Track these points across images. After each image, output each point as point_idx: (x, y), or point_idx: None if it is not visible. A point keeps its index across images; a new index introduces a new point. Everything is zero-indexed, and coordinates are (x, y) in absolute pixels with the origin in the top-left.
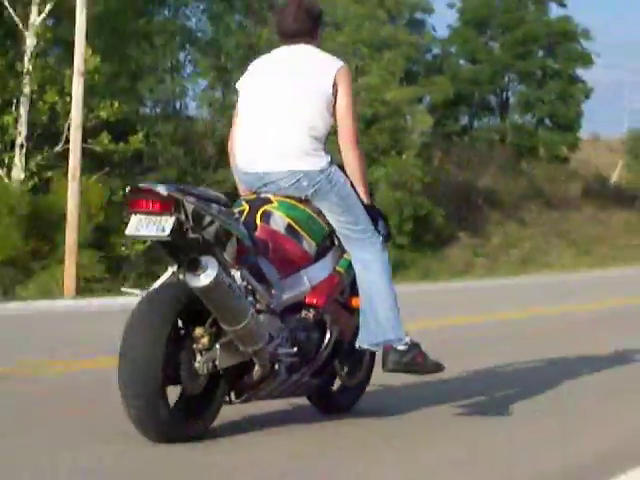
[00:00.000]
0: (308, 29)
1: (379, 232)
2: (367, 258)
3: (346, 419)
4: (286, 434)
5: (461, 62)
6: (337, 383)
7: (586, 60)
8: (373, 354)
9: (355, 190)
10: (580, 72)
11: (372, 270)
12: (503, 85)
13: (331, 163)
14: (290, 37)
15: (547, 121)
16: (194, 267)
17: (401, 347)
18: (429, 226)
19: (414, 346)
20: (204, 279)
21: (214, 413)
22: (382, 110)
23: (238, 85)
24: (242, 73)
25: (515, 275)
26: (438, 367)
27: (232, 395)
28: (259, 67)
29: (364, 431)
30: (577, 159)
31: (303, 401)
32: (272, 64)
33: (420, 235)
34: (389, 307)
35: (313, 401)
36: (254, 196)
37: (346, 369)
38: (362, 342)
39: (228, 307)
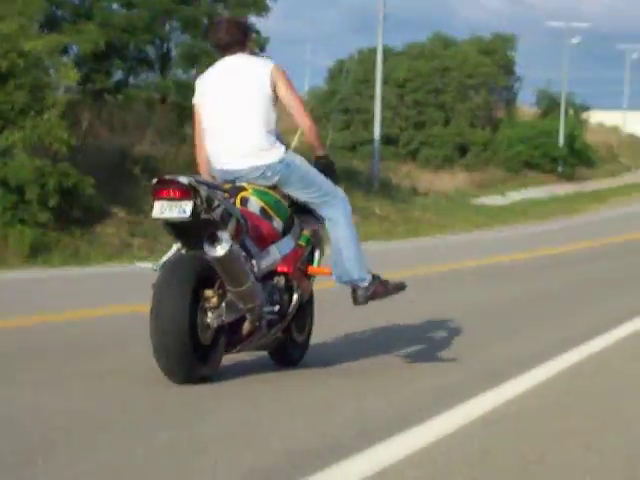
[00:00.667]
0: (239, 40)
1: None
2: (333, 215)
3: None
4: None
5: (114, 6)
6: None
7: (260, 7)
8: (312, 318)
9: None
10: (254, 21)
11: (338, 225)
12: (163, 34)
13: (286, 150)
14: (224, 49)
15: None
16: (213, 240)
17: (364, 284)
18: (77, 200)
19: (374, 279)
20: (221, 250)
21: (219, 361)
22: (19, 62)
23: (195, 101)
24: None
25: None
26: (400, 287)
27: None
28: (208, 83)
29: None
30: None
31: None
32: (218, 78)
33: (66, 211)
34: (353, 255)
35: (273, 355)
36: (230, 185)
37: (298, 326)
38: (337, 279)
39: (235, 272)
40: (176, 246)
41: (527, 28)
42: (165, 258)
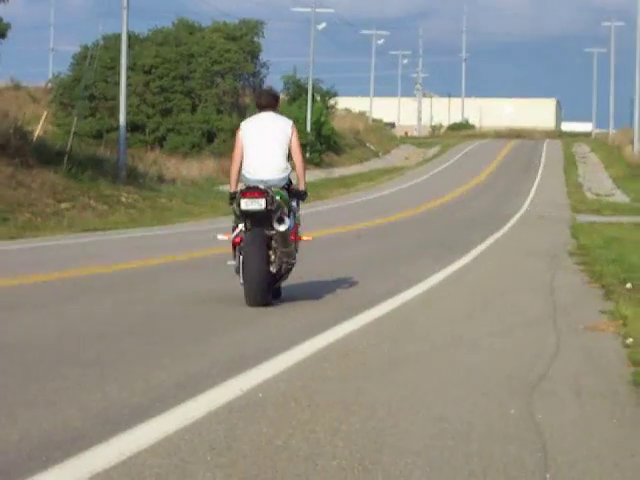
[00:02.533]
0: (273, 104)
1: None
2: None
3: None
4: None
5: None
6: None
7: None
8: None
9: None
10: None
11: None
12: None
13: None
14: (263, 108)
15: None
16: (280, 221)
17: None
18: None
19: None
20: (284, 227)
21: (276, 292)
22: None
23: (241, 133)
24: None
25: None
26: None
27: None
28: (250, 124)
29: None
30: None
31: None
32: (259, 122)
33: None
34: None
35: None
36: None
37: (286, 268)
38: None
39: (287, 239)
40: (242, 226)
41: (274, 14)
42: (235, 234)
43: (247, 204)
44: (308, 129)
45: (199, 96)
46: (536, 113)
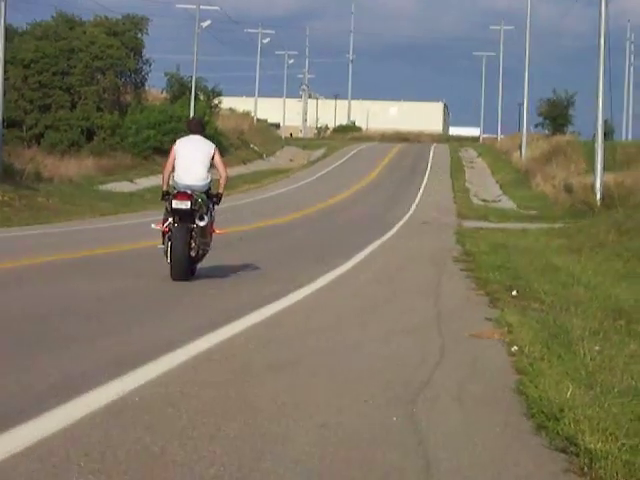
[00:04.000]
0: (200, 130)
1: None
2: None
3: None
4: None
5: None
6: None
7: None
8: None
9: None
10: None
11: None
12: None
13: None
14: (193, 132)
15: None
16: (201, 217)
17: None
18: None
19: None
20: (203, 223)
21: (193, 271)
22: None
23: (175, 147)
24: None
25: None
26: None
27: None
28: (183, 142)
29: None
30: None
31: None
32: (188, 142)
33: None
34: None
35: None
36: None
37: (202, 254)
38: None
39: (206, 231)
40: (171, 219)
41: (158, 10)
42: (165, 225)
43: (177, 204)
44: None
45: (79, 92)
46: (423, 116)
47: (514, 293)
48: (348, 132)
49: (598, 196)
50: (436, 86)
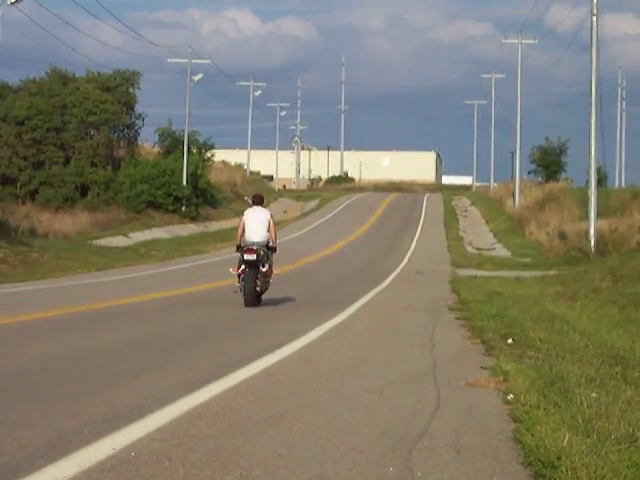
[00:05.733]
0: (261, 202)
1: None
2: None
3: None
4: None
5: None
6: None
7: None
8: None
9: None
10: None
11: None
12: None
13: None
14: (256, 204)
15: None
16: (263, 265)
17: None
18: None
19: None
20: (265, 268)
21: (259, 300)
22: None
23: (245, 215)
24: None
25: None
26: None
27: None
28: (250, 211)
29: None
30: None
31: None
32: (253, 211)
33: None
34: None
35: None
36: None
37: (265, 288)
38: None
39: (268, 273)
40: (243, 266)
41: (150, 65)
42: (240, 269)
43: (247, 257)
44: (184, 182)
45: (73, 148)
46: (416, 166)
47: (510, 341)
48: (341, 183)
49: (592, 243)
50: (428, 135)
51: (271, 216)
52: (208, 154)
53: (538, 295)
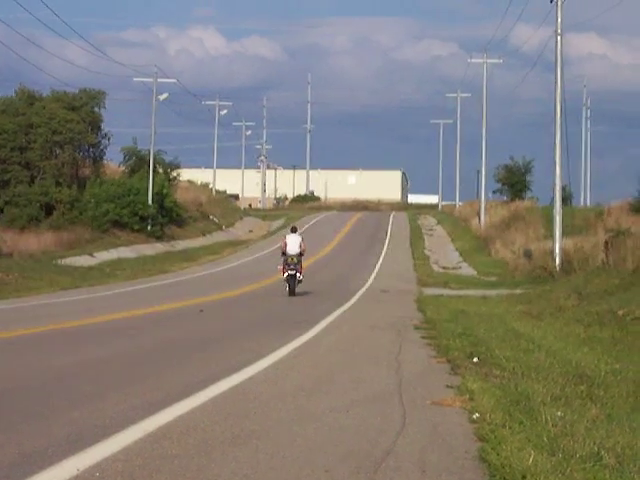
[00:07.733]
0: (296, 230)
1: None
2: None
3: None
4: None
5: None
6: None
7: None
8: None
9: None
10: None
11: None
12: None
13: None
14: (293, 232)
15: None
16: (298, 272)
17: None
18: None
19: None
20: (300, 275)
21: (294, 293)
22: None
23: (286, 238)
24: None
25: None
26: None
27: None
28: (288, 236)
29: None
30: None
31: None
32: (291, 236)
33: None
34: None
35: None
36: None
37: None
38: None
39: (300, 275)
40: (287, 273)
41: (116, 84)
42: (286, 274)
43: (289, 271)
44: (150, 201)
45: (38, 167)
46: (382, 185)
47: (475, 360)
48: (307, 202)
49: (557, 261)
50: (394, 154)
51: (302, 239)
52: (174, 173)
53: (504, 314)
